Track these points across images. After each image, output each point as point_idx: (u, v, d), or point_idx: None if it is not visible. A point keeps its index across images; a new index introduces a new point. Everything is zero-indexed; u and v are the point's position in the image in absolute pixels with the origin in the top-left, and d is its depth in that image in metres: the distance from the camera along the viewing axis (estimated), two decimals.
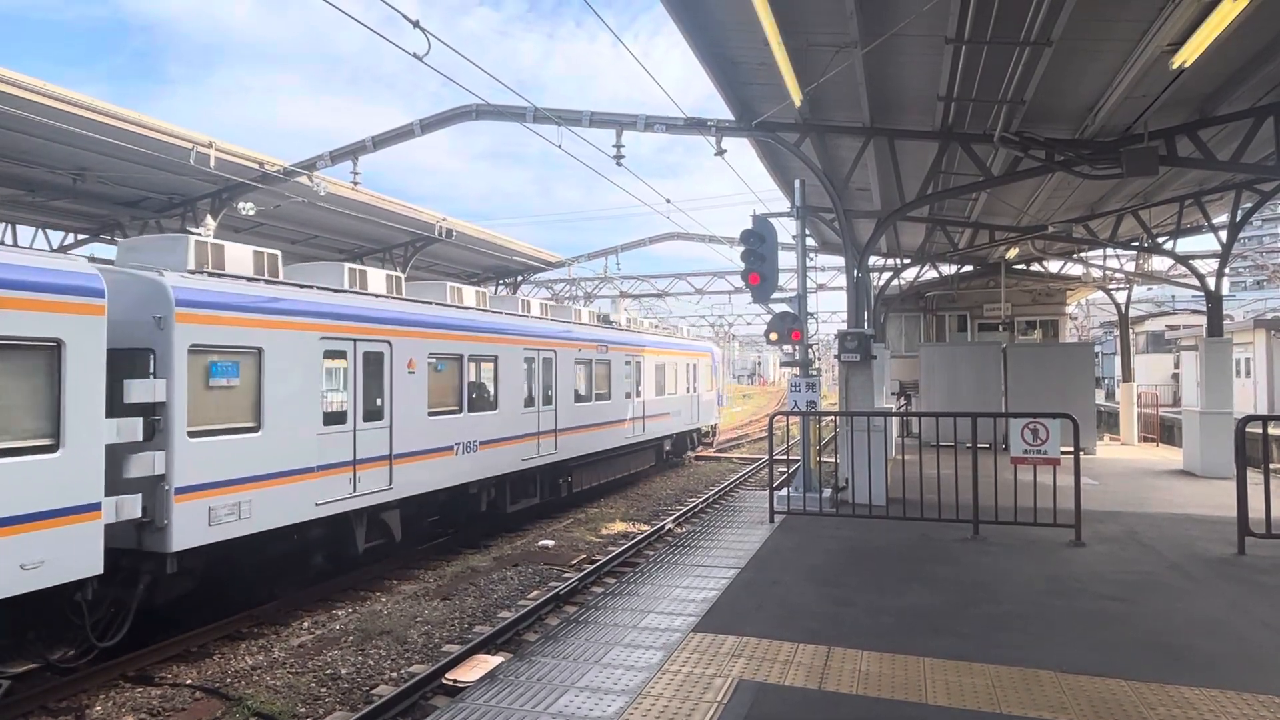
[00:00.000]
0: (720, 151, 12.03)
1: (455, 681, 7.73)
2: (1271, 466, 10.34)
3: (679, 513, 16.45)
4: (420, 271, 25.75)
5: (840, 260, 23.71)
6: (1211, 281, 15.56)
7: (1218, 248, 15.78)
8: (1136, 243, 18.29)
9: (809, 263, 14.42)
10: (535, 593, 10.96)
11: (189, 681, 8.01)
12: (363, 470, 10.71)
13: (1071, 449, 9.11)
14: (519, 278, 30.88)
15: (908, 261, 22.22)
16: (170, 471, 8.08)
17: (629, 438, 20.01)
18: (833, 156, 13.46)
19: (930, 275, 24.02)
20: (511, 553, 13.28)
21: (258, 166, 15.61)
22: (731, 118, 11.58)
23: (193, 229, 16.48)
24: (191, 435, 8.35)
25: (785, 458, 19.53)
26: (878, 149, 12.37)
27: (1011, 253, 20.39)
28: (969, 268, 22.94)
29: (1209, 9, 7.17)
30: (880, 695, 4.99)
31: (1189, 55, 7.92)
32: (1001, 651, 5.71)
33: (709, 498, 18.35)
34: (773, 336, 12.15)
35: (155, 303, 8.25)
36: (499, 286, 30.37)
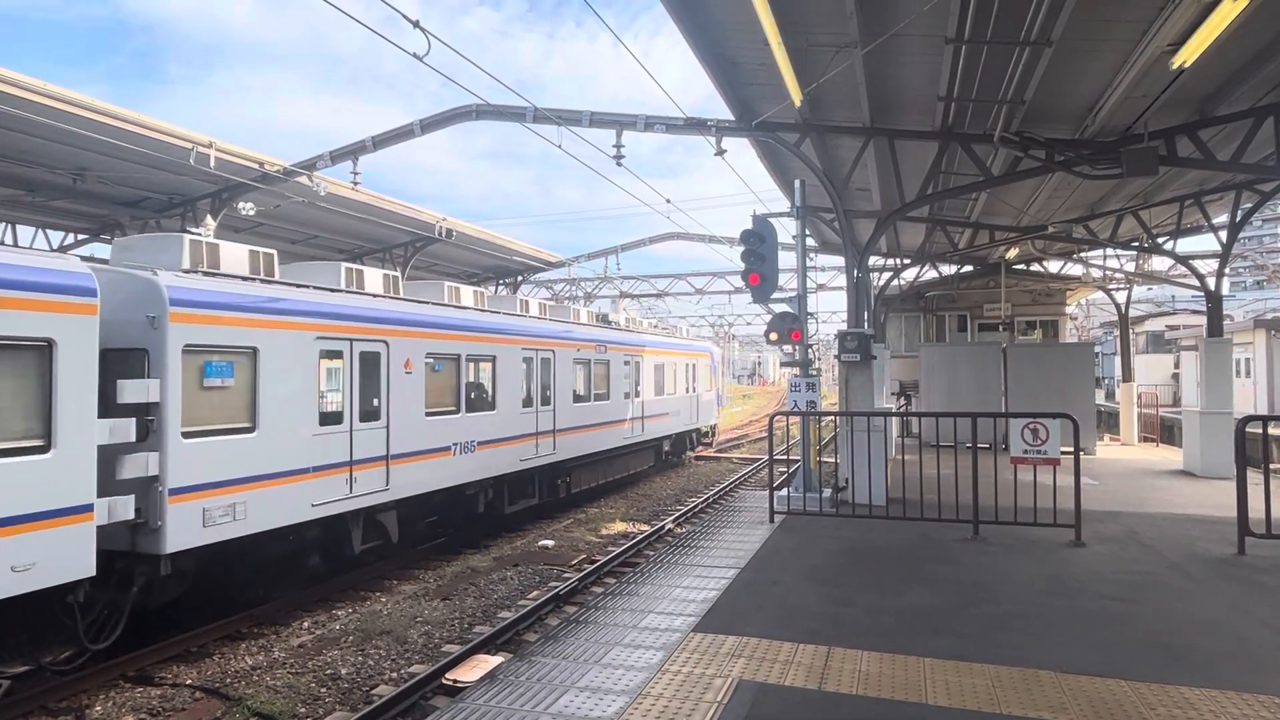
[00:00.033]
0: (720, 151, 12.03)
1: (455, 682, 7.72)
2: (1271, 466, 10.34)
3: (679, 513, 16.45)
4: (420, 271, 25.74)
5: (840, 260, 23.71)
6: (1211, 281, 15.57)
7: (1218, 248, 15.79)
8: (1136, 243, 18.29)
9: (809, 263, 14.42)
10: (535, 593, 10.95)
11: (189, 681, 8.01)
12: (359, 471, 10.68)
13: (1071, 449, 9.11)
14: (519, 278, 30.88)
15: (908, 261, 22.21)
16: (164, 472, 8.03)
17: (628, 438, 19.99)
18: (833, 156, 13.46)
19: (930, 275, 24.02)
20: (511, 553, 13.27)
21: (258, 166, 15.61)
22: (731, 118, 11.58)
23: (193, 229, 16.47)
24: (185, 436, 8.30)
25: (785, 458, 19.51)
26: (878, 149, 12.37)
27: (1011, 253, 20.39)
28: (969, 268, 22.94)
29: (1209, 9, 7.17)
30: (880, 695, 4.99)
31: (1189, 55, 7.92)
32: (1001, 651, 5.71)
33: (709, 498, 18.35)
34: (773, 336, 12.15)
35: (149, 302, 8.20)
36: (499, 286, 30.36)
